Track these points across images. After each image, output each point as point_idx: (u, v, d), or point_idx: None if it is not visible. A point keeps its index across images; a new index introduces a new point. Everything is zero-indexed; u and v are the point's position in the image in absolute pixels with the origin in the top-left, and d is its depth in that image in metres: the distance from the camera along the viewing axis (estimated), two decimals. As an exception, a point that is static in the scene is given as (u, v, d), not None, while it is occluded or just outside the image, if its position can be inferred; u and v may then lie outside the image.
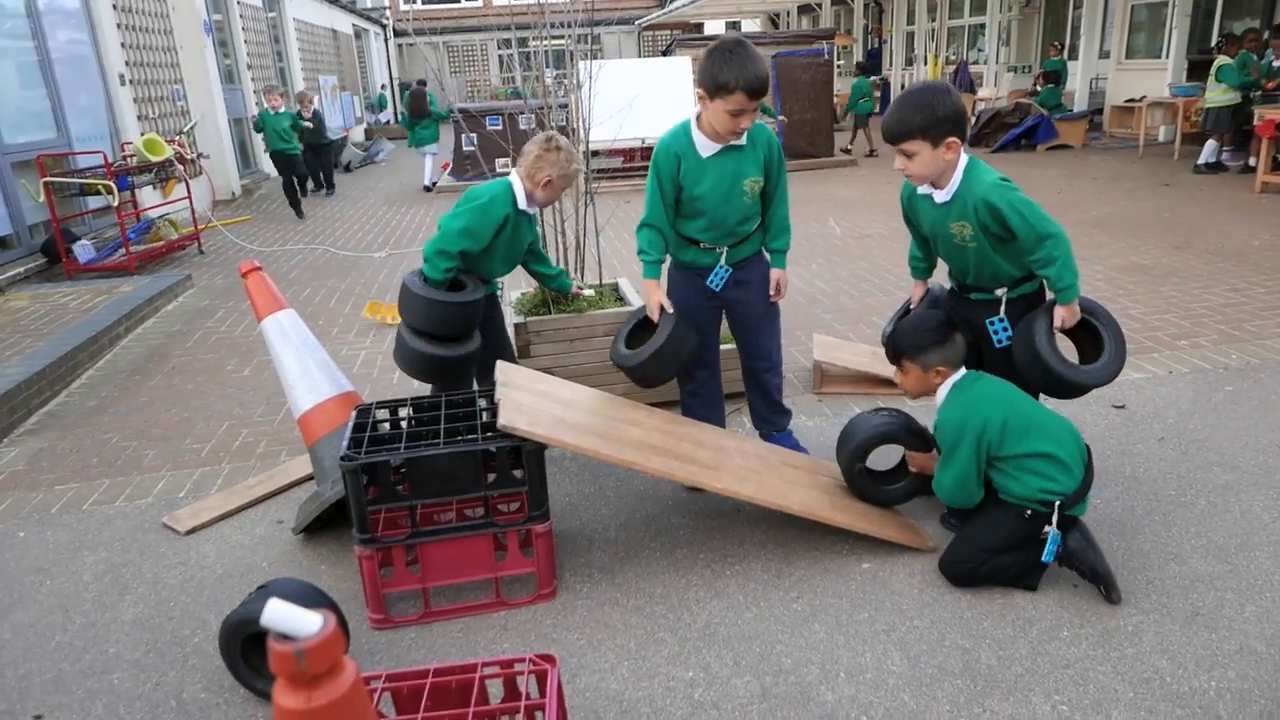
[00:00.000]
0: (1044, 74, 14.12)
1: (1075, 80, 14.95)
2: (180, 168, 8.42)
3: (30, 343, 5.01)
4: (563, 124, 4.56)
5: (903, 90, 2.62)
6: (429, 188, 12.03)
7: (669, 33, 26.35)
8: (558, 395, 2.79)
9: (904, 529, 2.77)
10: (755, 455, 2.90)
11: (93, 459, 3.77)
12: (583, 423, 2.63)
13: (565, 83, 5.05)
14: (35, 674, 2.38)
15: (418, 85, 12.66)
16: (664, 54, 15.25)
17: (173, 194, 8.79)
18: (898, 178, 2.67)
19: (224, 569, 2.85)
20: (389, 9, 28.47)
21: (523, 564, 2.55)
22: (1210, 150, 9.90)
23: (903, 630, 2.36)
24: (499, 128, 10.92)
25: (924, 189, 2.62)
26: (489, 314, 3.30)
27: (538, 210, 3.26)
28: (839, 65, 20.05)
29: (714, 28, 28.64)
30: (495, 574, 2.53)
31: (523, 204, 3.10)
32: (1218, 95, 9.67)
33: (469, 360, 3.08)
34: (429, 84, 12.74)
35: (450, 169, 12.63)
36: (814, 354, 4.13)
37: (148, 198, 8.73)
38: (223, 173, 11.72)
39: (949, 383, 2.55)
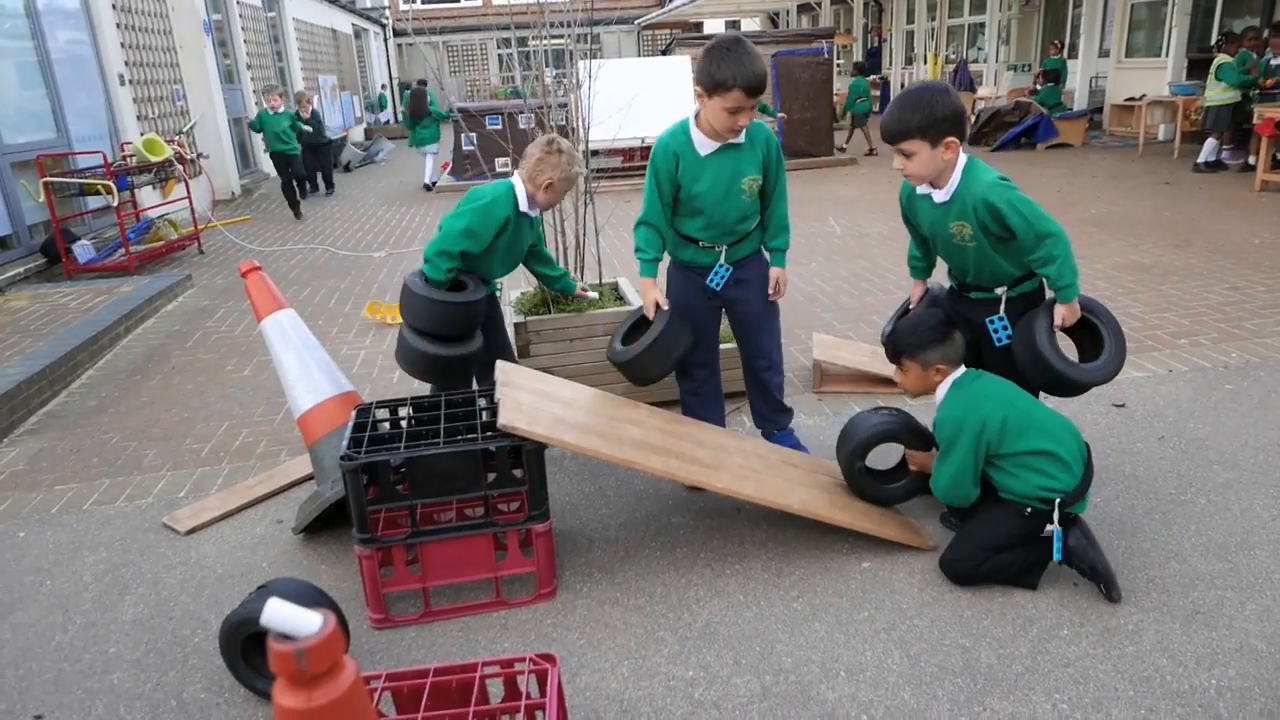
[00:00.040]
0: (1044, 72, 14.12)
1: (1075, 79, 14.95)
2: (180, 168, 8.42)
3: (30, 343, 5.01)
4: (562, 123, 4.56)
5: (902, 90, 2.62)
6: (429, 186, 12.03)
7: (668, 32, 26.34)
8: (558, 395, 2.79)
9: (904, 528, 2.77)
10: (755, 454, 2.90)
11: (93, 459, 3.77)
12: (583, 422, 2.63)
13: (565, 82, 5.05)
14: (35, 674, 2.38)
15: (418, 85, 12.65)
16: (663, 53, 15.24)
17: (172, 194, 8.80)
18: (897, 177, 2.66)
19: (224, 569, 2.85)
20: (388, 9, 28.46)
21: (523, 563, 2.55)
22: (1210, 149, 9.89)
23: (903, 629, 2.36)
24: (498, 127, 10.92)
25: (923, 189, 2.62)
26: (489, 314, 3.30)
27: (540, 212, 3.26)
28: (839, 64, 20.05)
29: (713, 27, 28.62)
30: (495, 573, 2.53)
31: (524, 206, 3.10)
32: (1217, 94, 9.67)
33: (471, 360, 3.08)
34: (429, 84, 12.73)
35: (450, 168, 12.63)
36: (814, 353, 4.13)
37: (147, 198, 8.74)
38: (222, 173, 11.73)
39: (949, 381, 2.55)
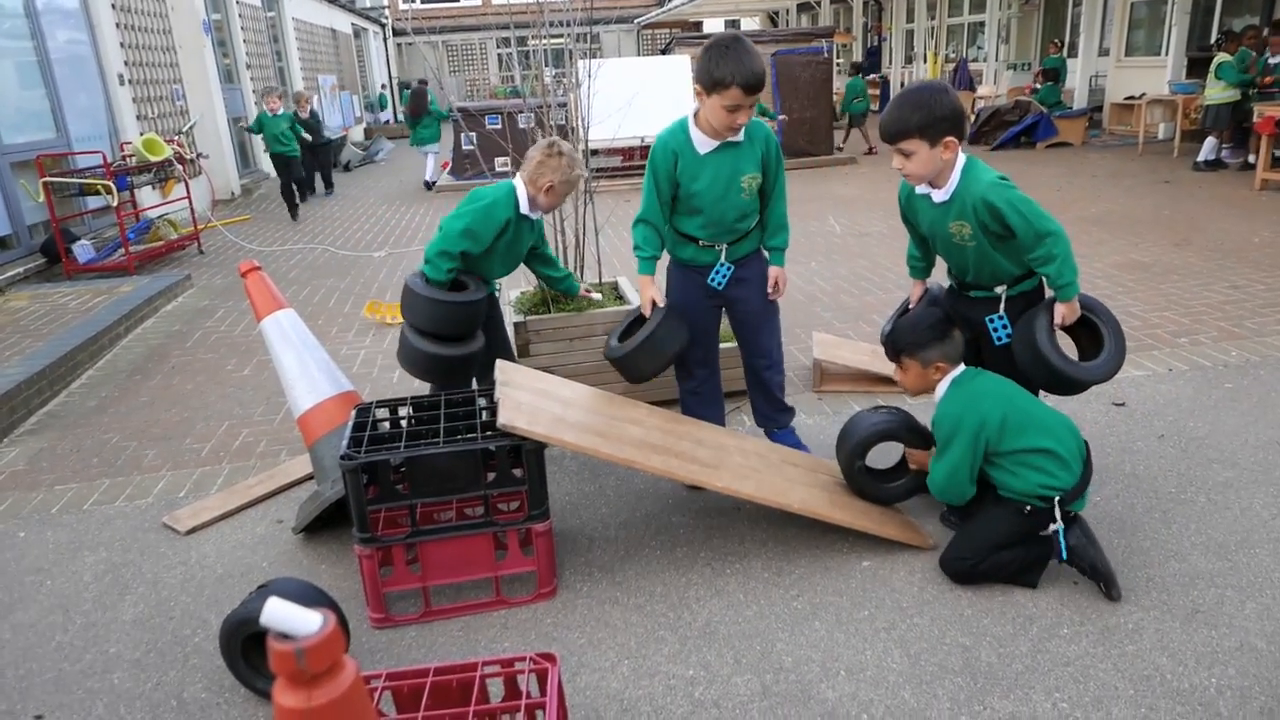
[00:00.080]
0: (1043, 71, 14.10)
1: (1075, 78, 14.94)
2: (179, 167, 8.41)
3: (30, 343, 5.01)
4: (562, 123, 4.56)
5: (901, 89, 2.62)
6: (429, 185, 12.05)
7: (668, 31, 26.33)
8: (557, 394, 2.79)
9: (904, 527, 2.77)
10: (755, 454, 2.90)
11: (93, 459, 3.77)
12: (582, 421, 2.63)
13: (564, 81, 5.05)
14: (36, 674, 2.38)
15: (419, 84, 12.66)
16: (663, 52, 15.24)
17: (172, 194, 8.79)
18: (897, 176, 2.66)
19: (224, 569, 2.85)
20: (388, 8, 28.44)
21: (523, 563, 2.55)
22: (1210, 147, 9.89)
23: (903, 628, 2.36)
24: (498, 127, 10.93)
25: (922, 188, 2.62)
26: (489, 314, 3.30)
27: (541, 215, 3.25)
28: (838, 63, 20.06)
29: (713, 26, 28.61)
30: (495, 573, 2.53)
31: (525, 209, 3.10)
32: (1217, 92, 9.67)
33: (473, 359, 3.08)
34: (428, 83, 12.73)
35: (450, 168, 12.64)
36: (814, 352, 4.13)
37: (147, 198, 8.73)
38: (222, 172, 11.72)
39: (948, 379, 2.55)
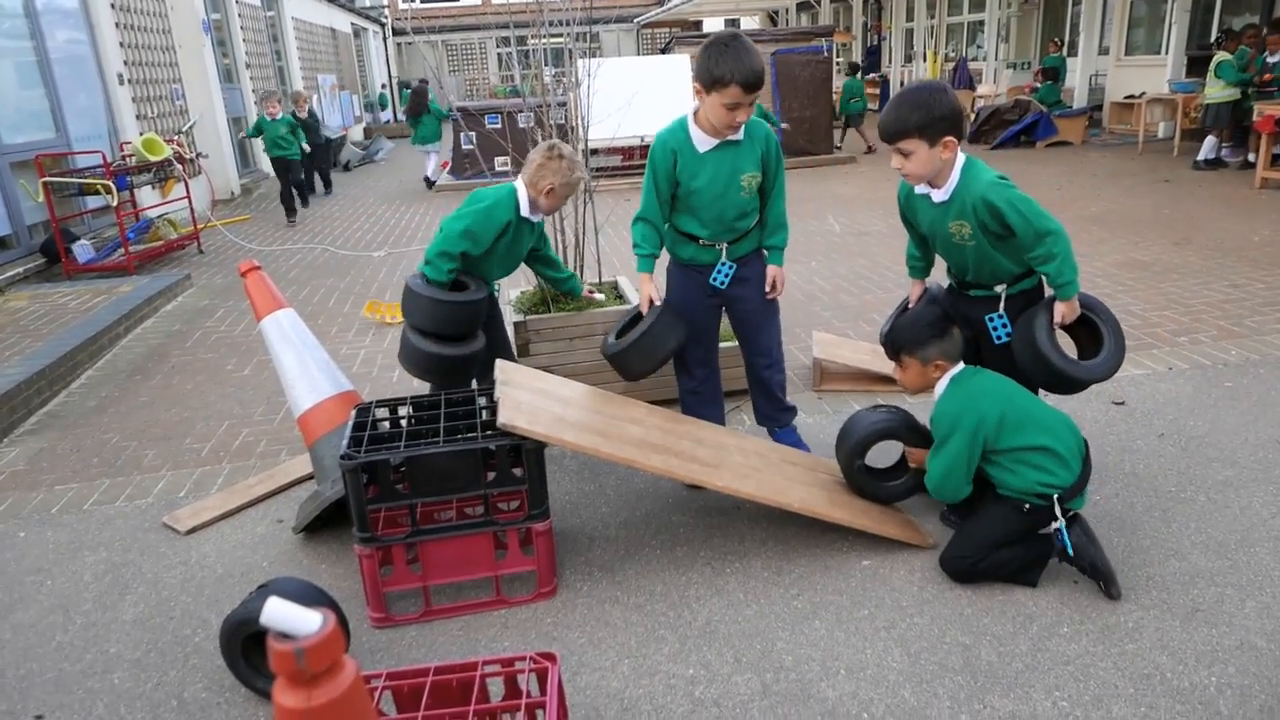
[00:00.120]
0: (1043, 70, 14.10)
1: (1075, 77, 14.94)
2: (179, 167, 8.41)
3: (30, 343, 5.01)
4: (561, 122, 4.55)
5: (900, 89, 2.61)
6: (430, 183, 12.05)
7: (668, 30, 26.32)
8: (557, 393, 2.79)
9: (904, 526, 2.77)
10: (755, 453, 2.90)
11: (93, 459, 3.77)
12: (582, 421, 2.63)
13: (564, 81, 5.04)
14: (36, 674, 2.38)
15: (419, 83, 12.68)
16: (663, 52, 15.22)
17: (172, 193, 8.79)
18: (896, 175, 2.66)
19: (224, 568, 2.85)
20: (388, 8, 28.45)
21: (523, 562, 2.55)
22: (1209, 146, 9.89)
23: (903, 627, 2.36)
24: (498, 126, 10.92)
25: (921, 188, 2.62)
26: (489, 313, 3.30)
27: (541, 217, 3.25)
28: (838, 62, 20.04)
29: (713, 25, 28.60)
30: (495, 572, 2.53)
31: (525, 211, 3.10)
32: (1217, 91, 9.66)
33: (474, 359, 3.08)
34: (429, 83, 12.75)
35: (449, 167, 12.64)
36: (814, 351, 4.13)
37: (147, 197, 8.73)
38: (222, 172, 11.72)
39: (947, 376, 2.56)
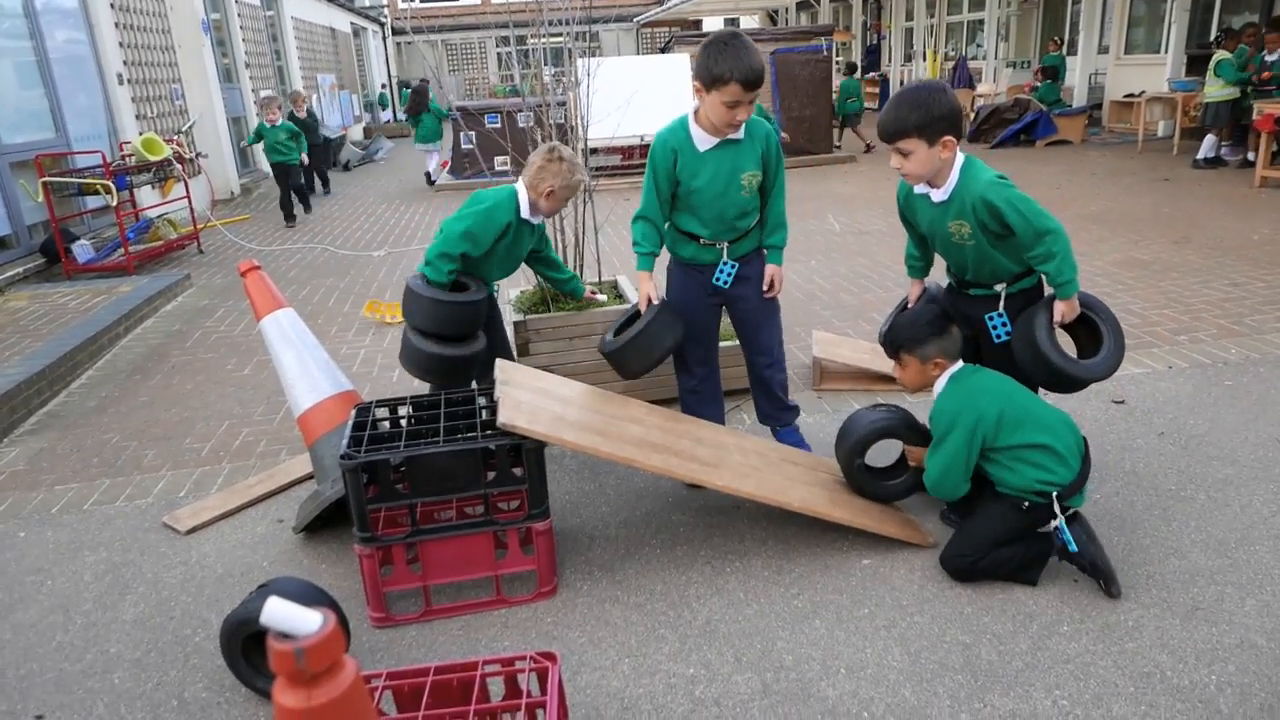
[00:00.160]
0: (1043, 69, 14.10)
1: (1074, 75, 14.94)
2: (179, 167, 8.41)
3: (30, 343, 5.01)
4: (561, 121, 4.55)
5: (899, 88, 2.61)
6: (430, 181, 12.06)
7: (667, 29, 26.31)
8: (557, 393, 2.79)
9: (904, 525, 2.77)
10: (755, 452, 2.90)
11: (93, 459, 3.77)
12: (582, 420, 2.63)
13: (564, 80, 5.04)
14: (36, 674, 2.38)
15: (420, 83, 12.69)
16: (662, 51, 15.22)
17: (171, 193, 8.79)
18: (896, 174, 2.65)
19: (224, 568, 2.85)
20: (387, 7, 28.44)
21: (523, 562, 2.55)
22: (1209, 145, 9.89)
23: (903, 626, 2.36)
24: (497, 126, 10.92)
25: (920, 188, 2.62)
26: (489, 314, 3.30)
27: (542, 219, 3.25)
28: (837, 62, 20.03)
29: (712, 24, 28.60)
30: (496, 572, 2.53)
31: (526, 213, 3.10)
32: (1216, 90, 9.66)
33: (475, 359, 3.08)
34: (429, 82, 12.76)
35: (449, 167, 12.65)
36: (813, 350, 4.13)
37: (146, 197, 8.73)
38: (221, 172, 11.72)
39: (946, 375, 2.56)
